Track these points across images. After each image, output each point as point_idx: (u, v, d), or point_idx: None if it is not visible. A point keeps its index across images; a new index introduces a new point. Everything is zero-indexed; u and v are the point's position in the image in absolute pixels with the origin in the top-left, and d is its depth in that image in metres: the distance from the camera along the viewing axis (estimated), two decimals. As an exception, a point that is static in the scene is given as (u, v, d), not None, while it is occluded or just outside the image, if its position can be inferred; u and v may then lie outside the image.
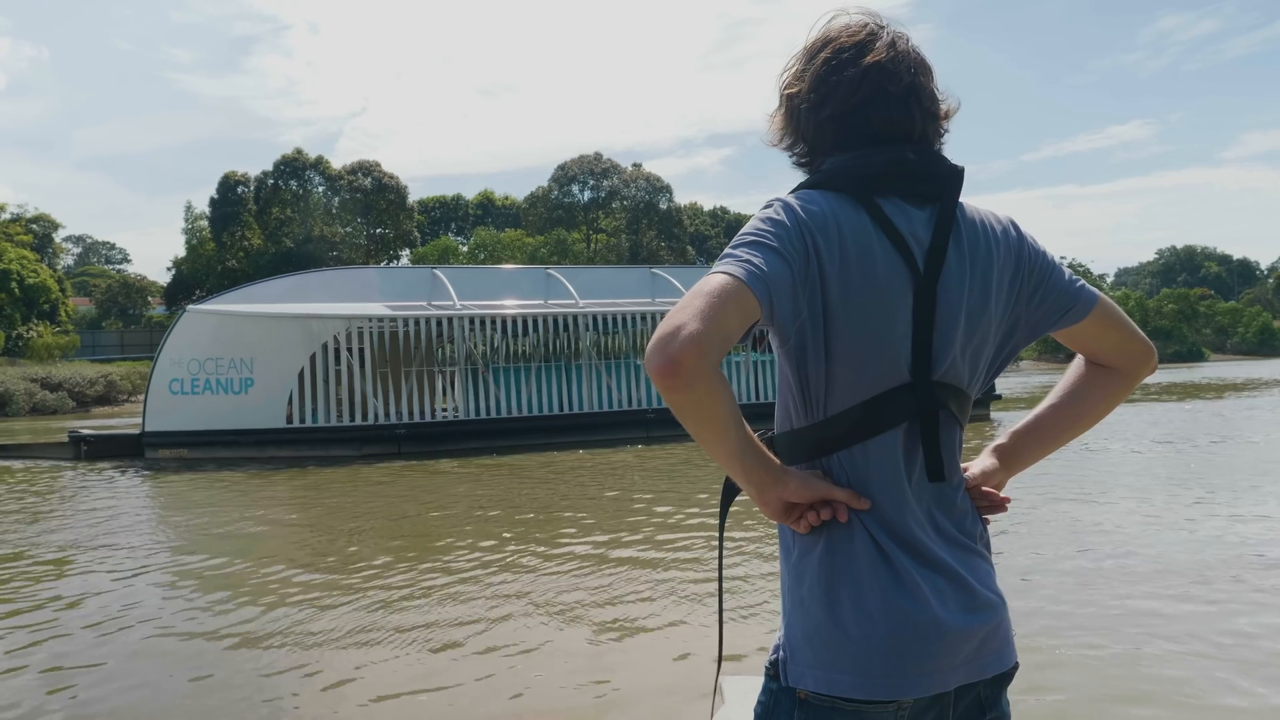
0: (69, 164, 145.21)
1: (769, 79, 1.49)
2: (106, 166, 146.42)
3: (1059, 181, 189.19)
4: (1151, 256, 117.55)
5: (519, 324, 17.50)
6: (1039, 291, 1.42)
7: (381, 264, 54.97)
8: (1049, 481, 9.83)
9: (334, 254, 54.84)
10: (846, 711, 1.29)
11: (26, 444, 17.38)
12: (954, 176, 1.40)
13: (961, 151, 1.29)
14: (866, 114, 1.38)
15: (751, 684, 1.61)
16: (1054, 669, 4.35)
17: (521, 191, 66.50)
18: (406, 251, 60.09)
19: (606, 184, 64.46)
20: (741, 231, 1.32)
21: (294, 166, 56.26)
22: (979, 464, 1.50)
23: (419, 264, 47.60)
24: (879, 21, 1.42)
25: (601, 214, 64.53)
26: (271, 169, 55.84)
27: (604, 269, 26.36)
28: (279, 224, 54.69)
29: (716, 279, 1.22)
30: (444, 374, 17.59)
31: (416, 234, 61.12)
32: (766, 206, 1.35)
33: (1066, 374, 1.53)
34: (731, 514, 1.48)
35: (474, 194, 75.20)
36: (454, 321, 16.76)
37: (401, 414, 16.29)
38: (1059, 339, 1.49)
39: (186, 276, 54.15)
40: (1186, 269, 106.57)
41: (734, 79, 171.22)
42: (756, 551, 6.95)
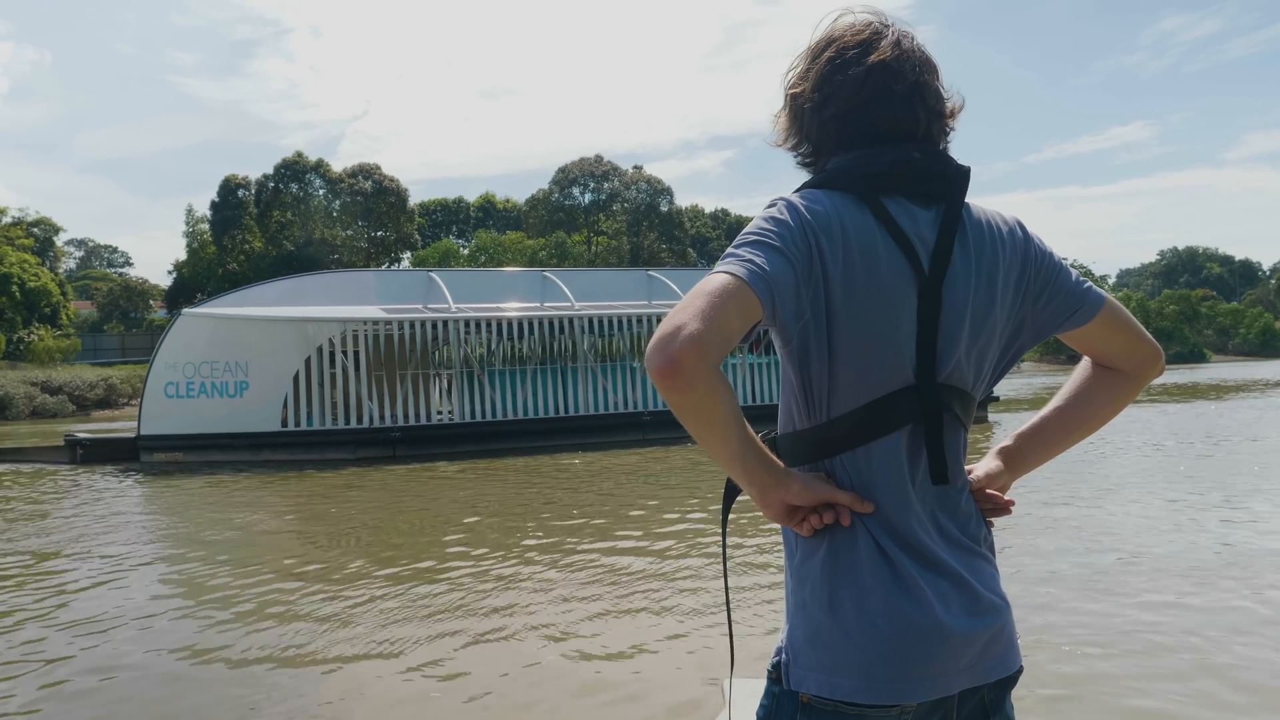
0: (71, 167, 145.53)
1: (770, 81, 1.50)
2: (108, 170, 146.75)
3: (1061, 183, 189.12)
4: (1153, 257, 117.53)
5: (514, 327, 17.51)
6: (1045, 293, 1.41)
7: (383, 267, 55.03)
8: (1050, 482, 9.81)
9: (335, 257, 54.91)
10: (849, 716, 1.28)
11: (23, 448, 17.40)
12: (960, 176, 1.38)
13: (964, 152, 1.31)
14: (870, 113, 1.36)
15: (755, 686, 1.61)
16: (1056, 670, 4.32)
17: (523, 194, 66.61)
18: (407, 254, 60.15)
19: (607, 186, 64.49)
20: (744, 231, 1.30)
21: (294, 170, 56.33)
22: (983, 466, 1.49)
23: (420, 266, 47.66)
24: (884, 20, 1.41)
25: (602, 216, 64.55)
26: (272, 172, 55.94)
27: (600, 271, 26.37)
28: (280, 227, 54.75)
29: (718, 279, 1.20)
30: (440, 377, 17.60)
31: (417, 237, 61.18)
32: (770, 206, 1.34)
33: (1073, 376, 1.52)
34: (734, 517, 1.46)
35: (476, 196, 75.32)
36: (449, 324, 16.77)
37: (397, 417, 16.30)
38: (1066, 341, 1.47)
39: (187, 280, 54.21)
40: (1188, 270, 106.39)
41: (735, 81, 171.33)
42: (760, 553, 6.91)
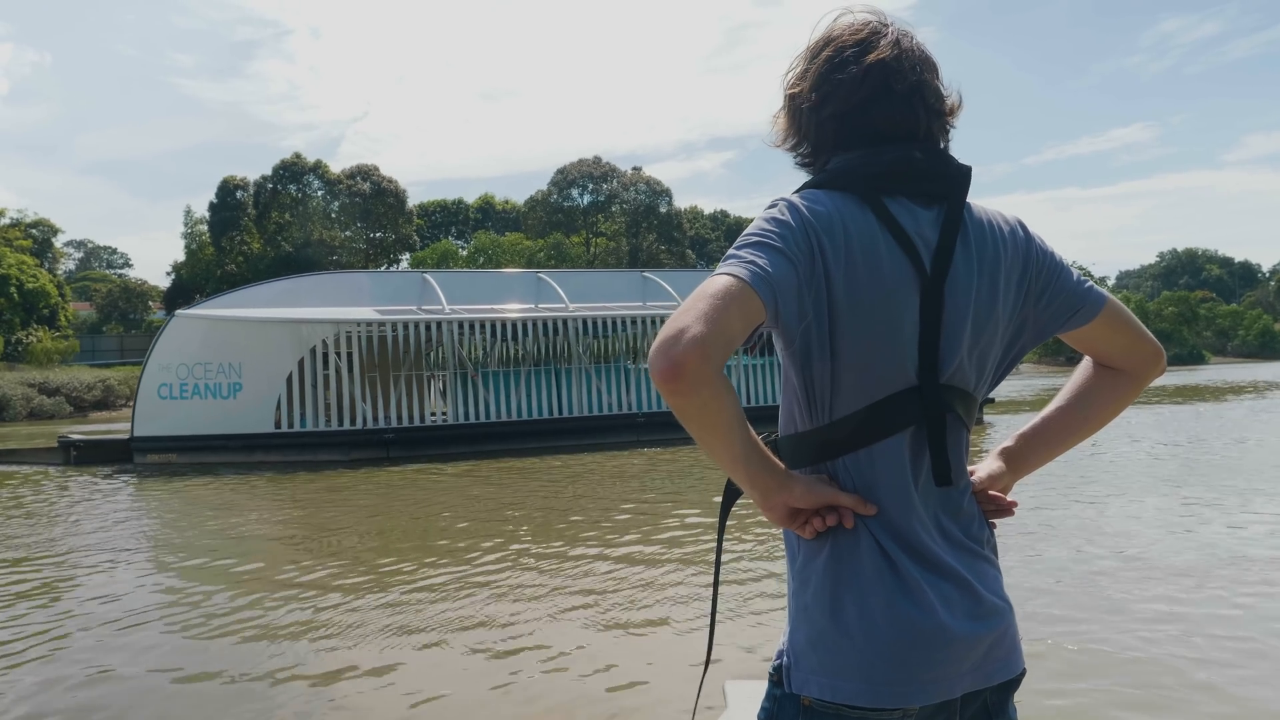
0: (71, 169, 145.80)
1: (770, 82, 1.50)
2: (109, 171, 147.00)
3: (1061, 184, 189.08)
4: (1153, 259, 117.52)
5: (508, 328, 17.52)
6: (1047, 293, 1.41)
7: (382, 268, 55.05)
8: (1050, 481, 9.81)
9: (334, 258, 54.91)
10: (851, 719, 1.27)
11: (16, 449, 17.40)
12: (961, 176, 1.38)
13: (964, 154, 1.32)
14: (869, 112, 1.36)
15: (755, 688, 1.59)
16: (1059, 671, 4.31)
17: (524, 195, 66.48)
18: (406, 255, 60.16)
19: (606, 188, 64.51)
20: (746, 232, 1.30)
21: (293, 171, 56.35)
22: (985, 467, 1.48)
23: (418, 268, 47.66)
24: (883, 19, 1.40)
25: (601, 218, 64.57)
26: (270, 173, 55.95)
27: (595, 272, 26.37)
28: (278, 228, 54.78)
29: (720, 280, 1.19)
30: (434, 378, 17.60)
31: (415, 238, 61.19)
32: (771, 206, 1.32)
33: (1074, 376, 1.52)
34: (735, 518, 1.45)
35: (475, 198, 75.35)
36: (443, 326, 16.78)
37: (390, 418, 16.31)
38: (1067, 340, 1.47)
39: (186, 281, 54.22)
40: (1188, 271, 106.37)
41: (736, 82, 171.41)
42: (759, 556, 6.85)
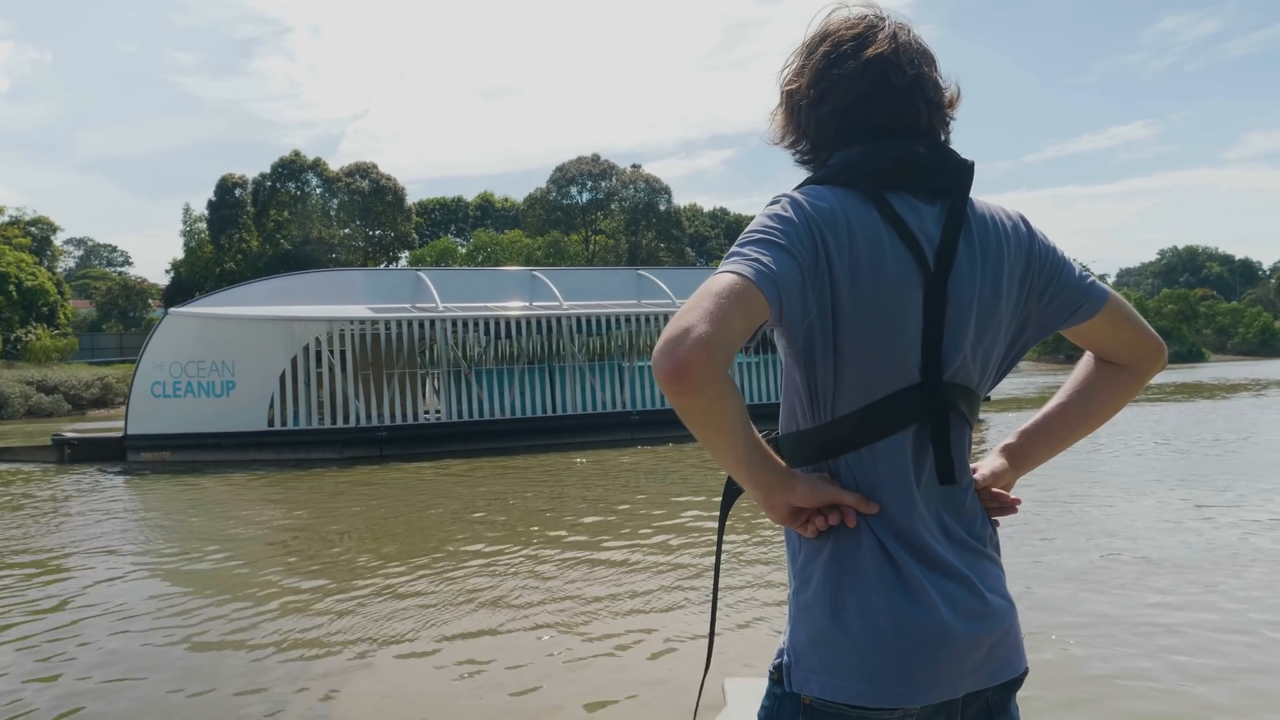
0: (72, 167, 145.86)
1: (771, 80, 1.46)
2: (109, 169, 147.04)
3: (1062, 182, 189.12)
4: (1153, 257, 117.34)
5: (502, 326, 17.50)
6: (1049, 288, 1.39)
7: (381, 266, 54.99)
8: (1050, 480, 9.80)
9: (333, 256, 54.87)
10: (852, 719, 1.26)
11: (10, 447, 17.41)
12: (964, 171, 1.36)
13: (964, 152, 1.30)
14: (869, 108, 1.34)
15: (755, 686, 1.59)
16: (1061, 672, 4.30)
17: (525, 193, 66.21)
18: (405, 253, 60.10)
19: (605, 185, 64.41)
20: (748, 229, 1.28)
21: (291, 169, 56.28)
22: (988, 464, 1.47)
23: (417, 265, 47.65)
24: (879, 13, 1.38)
25: (600, 215, 64.49)
26: (269, 171, 55.91)
27: (590, 270, 26.32)
28: (277, 226, 54.74)
29: (724, 279, 1.18)
30: (428, 376, 17.59)
31: (414, 236, 61.12)
32: (773, 203, 1.31)
33: (1075, 372, 1.51)
34: (733, 516, 1.44)
35: (475, 196, 75.26)
36: (436, 324, 16.77)
37: (384, 416, 16.30)
38: (1069, 336, 1.46)
39: (185, 279, 54.18)
40: (1188, 269, 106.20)
41: (736, 80, 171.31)
42: (760, 553, 6.89)
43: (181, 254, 55.97)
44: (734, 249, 1.24)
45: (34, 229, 52.71)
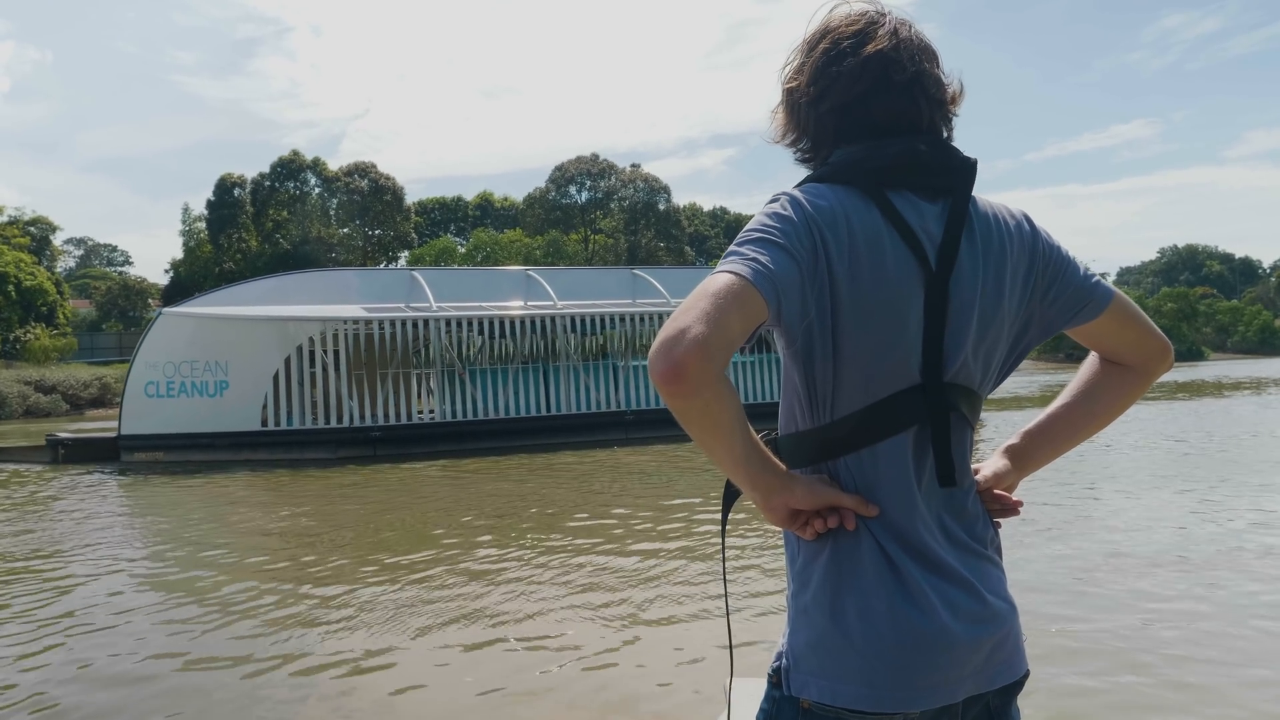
0: (73, 167, 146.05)
1: (772, 79, 1.45)
2: (110, 169, 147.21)
3: (1063, 181, 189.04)
4: (1154, 255, 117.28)
5: (496, 325, 17.50)
6: (1053, 288, 1.38)
7: (380, 265, 54.99)
8: (1052, 478, 9.81)
9: (332, 255, 54.87)
10: None
11: (4, 447, 17.42)
12: (967, 169, 1.35)
13: (965, 150, 1.29)
14: (869, 105, 1.33)
15: (755, 687, 1.57)
16: (1060, 673, 4.29)
17: (526, 193, 66.23)
18: (405, 253, 60.10)
19: (604, 185, 64.40)
20: (747, 228, 1.27)
21: (290, 168, 56.29)
22: (990, 466, 1.45)
23: (416, 265, 47.65)
24: (880, 9, 1.37)
25: (599, 215, 64.47)
26: (268, 171, 55.92)
27: (584, 270, 26.33)
28: (276, 226, 54.74)
29: (722, 279, 1.17)
30: (421, 376, 17.59)
31: (414, 235, 61.12)
32: (773, 201, 1.30)
33: (1080, 372, 1.49)
34: (734, 518, 1.42)
35: (475, 195, 75.24)
36: (430, 323, 16.77)
37: (377, 416, 16.30)
38: (1073, 336, 1.44)
39: (184, 279, 54.21)
40: (1189, 268, 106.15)
41: (737, 79, 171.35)
42: (759, 556, 6.86)
43: (181, 254, 56.03)
44: (732, 248, 1.23)
45: (33, 229, 52.74)
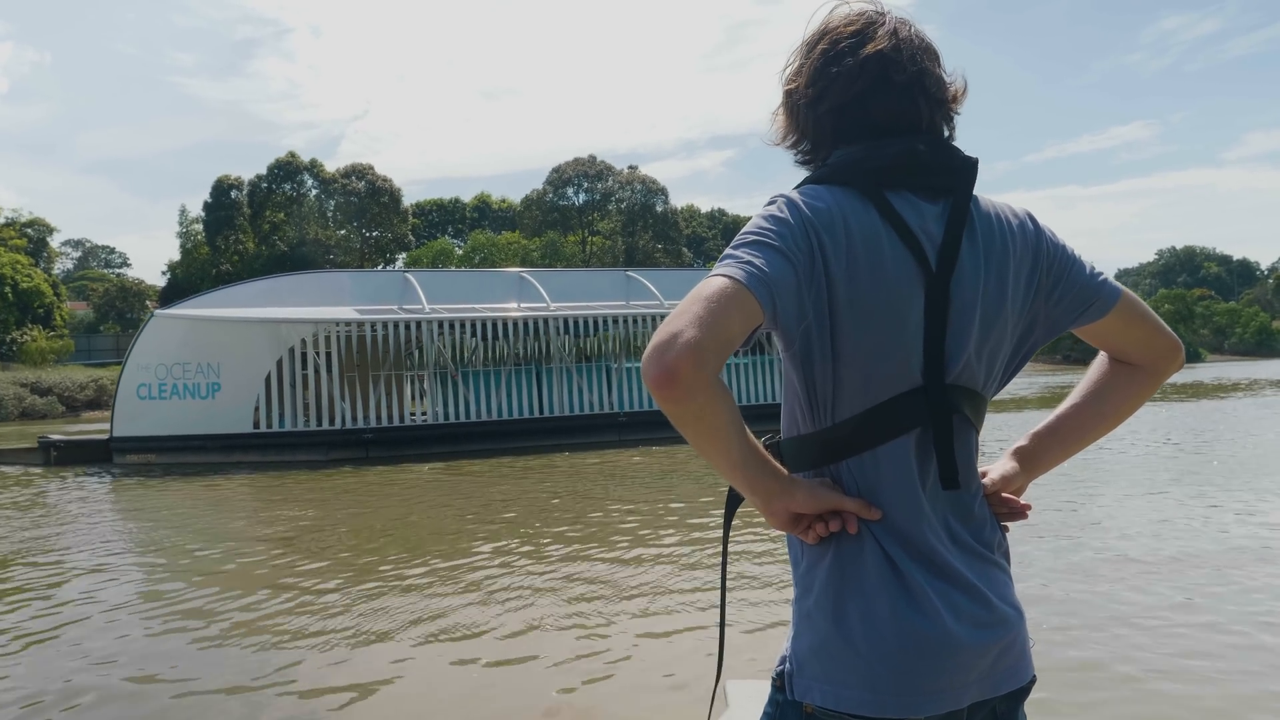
0: (71, 168, 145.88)
1: (771, 80, 1.44)
2: (109, 170, 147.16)
3: (1061, 182, 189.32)
4: (1152, 257, 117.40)
5: (489, 327, 17.51)
6: (1059, 287, 1.36)
7: (378, 267, 54.98)
8: (1051, 477, 9.80)
9: (329, 257, 54.87)
10: None
11: (-4, 449, 17.42)
12: (967, 168, 1.33)
13: (965, 151, 1.28)
14: (868, 105, 1.31)
15: (755, 688, 1.56)
16: (1061, 673, 4.28)
17: (524, 194, 66.26)
18: (402, 255, 60.10)
19: (601, 186, 64.41)
20: (743, 230, 1.26)
21: (287, 170, 56.29)
22: (998, 468, 1.44)
23: (412, 267, 47.67)
24: (879, 9, 1.36)
25: (597, 216, 64.48)
26: (265, 172, 55.93)
27: (578, 272, 26.35)
28: (273, 228, 54.74)
29: (716, 282, 1.16)
30: (414, 378, 17.59)
31: (411, 237, 61.12)
32: (770, 203, 1.29)
33: (1089, 372, 1.48)
34: (736, 519, 1.40)
35: (472, 197, 75.24)
36: (423, 325, 16.76)
37: (369, 418, 16.30)
38: (1081, 336, 1.42)
39: (181, 281, 54.20)
40: (1186, 269, 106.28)
41: (736, 81, 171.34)
42: (763, 558, 6.84)
43: (178, 256, 56.02)
44: (728, 251, 1.22)
45: (30, 230, 52.74)
